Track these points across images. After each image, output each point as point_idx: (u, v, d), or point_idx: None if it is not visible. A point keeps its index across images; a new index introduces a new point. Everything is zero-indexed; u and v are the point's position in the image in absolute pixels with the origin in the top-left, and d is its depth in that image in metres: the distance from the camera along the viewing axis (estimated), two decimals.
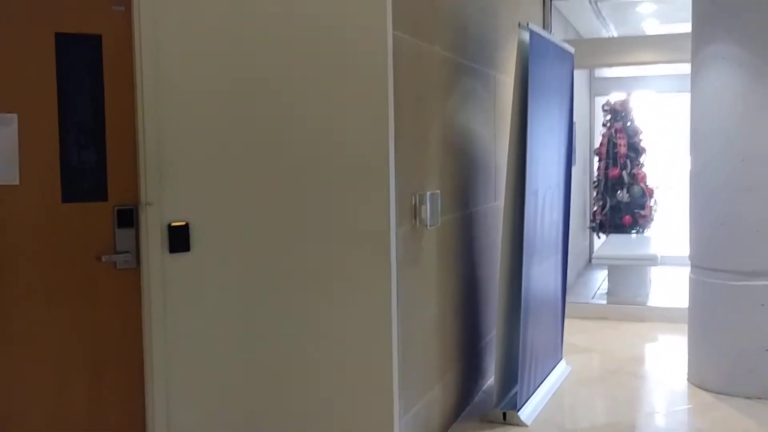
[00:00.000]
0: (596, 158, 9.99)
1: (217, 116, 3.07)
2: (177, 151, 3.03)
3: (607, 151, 9.75)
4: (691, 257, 5.14)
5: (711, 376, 4.97)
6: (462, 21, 4.58)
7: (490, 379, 5.08)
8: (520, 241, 4.32)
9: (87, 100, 3.04)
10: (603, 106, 10.02)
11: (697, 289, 5.09)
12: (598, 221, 9.71)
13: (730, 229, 4.81)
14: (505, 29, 5.47)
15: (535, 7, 6.82)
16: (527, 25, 4.26)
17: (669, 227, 10.43)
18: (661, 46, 6.98)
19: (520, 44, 4.30)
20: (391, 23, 3.32)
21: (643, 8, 8.00)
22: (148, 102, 3.00)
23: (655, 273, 8.58)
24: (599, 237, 9.76)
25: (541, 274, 4.69)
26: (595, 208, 9.83)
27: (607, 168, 9.72)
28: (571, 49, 5.25)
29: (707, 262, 4.97)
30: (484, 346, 5.03)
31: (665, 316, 6.84)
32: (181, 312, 3.07)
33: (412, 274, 3.74)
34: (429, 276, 4.01)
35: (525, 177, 4.23)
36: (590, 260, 9.59)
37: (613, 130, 9.76)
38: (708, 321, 4.98)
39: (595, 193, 9.89)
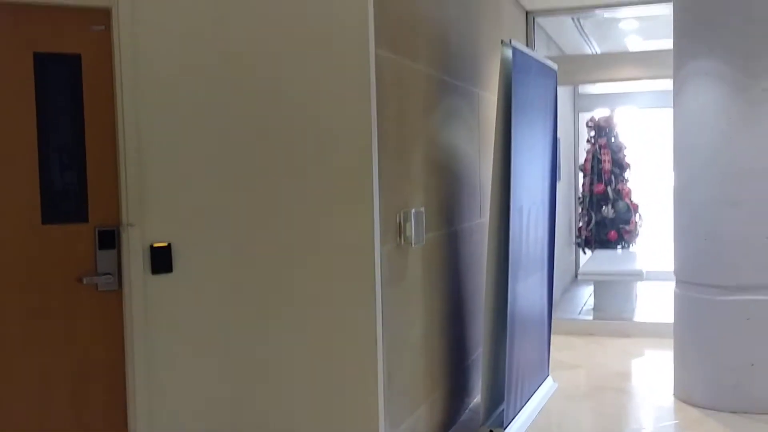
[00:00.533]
0: (581, 174, 10.02)
1: (200, 136, 3.05)
2: (159, 171, 3.01)
3: (592, 166, 9.78)
4: (676, 272, 5.15)
5: (697, 391, 4.97)
6: (445, 39, 4.59)
7: (477, 397, 5.05)
8: (505, 258, 4.31)
9: (67, 120, 3.01)
10: (587, 123, 10.06)
11: (682, 304, 5.09)
12: (583, 237, 9.73)
13: (714, 244, 4.83)
14: (488, 47, 5.49)
15: (517, 24, 6.86)
16: (510, 42, 4.27)
17: (655, 242, 10.47)
18: (644, 62, 7.04)
19: (503, 61, 4.31)
20: (373, 42, 3.33)
21: (626, 25, 8.06)
22: (129, 122, 2.98)
23: (641, 288, 8.59)
24: (585, 253, 9.76)
25: (526, 290, 4.68)
26: (580, 224, 9.85)
27: (591, 184, 9.74)
28: (554, 66, 5.27)
29: (692, 276, 4.98)
30: (470, 363, 5.00)
31: (651, 332, 6.84)
32: (164, 334, 3.03)
33: (397, 292, 3.72)
34: (414, 294, 3.99)
35: (509, 194, 4.23)
36: (576, 276, 9.60)
37: (597, 146, 9.79)
38: (693, 336, 4.98)
39: (580, 209, 9.91)
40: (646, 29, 8.34)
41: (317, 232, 3.21)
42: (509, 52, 4.28)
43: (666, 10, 5.95)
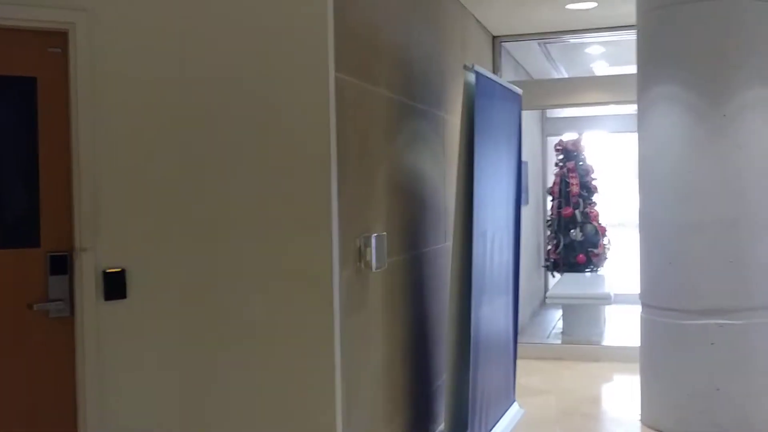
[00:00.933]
0: (549, 197, 10.08)
1: (156, 161, 3.00)
2: (113, 195, 2.95)
3: (560, 190, 9.86)
4: (642, 296, 5.16)
5: (664, 416, 4.96)
6: (409, 63, 4.60)
7: (442, 425, 5.00)
8: (468, 283, 4.28)
9: (20, 143, 2.94)
10: (555, 146, 10.15)
11: (648, 328, 5.10)
12: (552, 260, 9.76)
13: (678, 268, 4.85)
14: (454, 71, 5.51)
15: (484, 49, 6.90)
16: (472, 66, 4.28)
17: (623, 265, 10.53)
18: (609, 87, 7.10)
19: (466, 85, 4.32)
20: (333, 65, 3.31)
21: (592, 50, 8.15)
22: (84, 145, 2.93)
23: (609, 311, 8.61)
24: (553, 276, 9.80)
25: (491, 315, 4.65)
26: (549, 247, 9.89)
27: (560, 207, 9.81)
28: (519, 91, 5.29)
29: (657, 301, 4.99)
30: (434, 390, 4.95)
31: (620, 356, 6.85)
32: (116, 362, 2.96)
33: (357, 318, 3.68)
34: (375, 320, 3.94)
35: (472, 218, 4.22)
36: (545, 299, 9.61)
37: (565, 170, 9.88)
38: (659, 361, 4.98)
39: (548, 232, 9.96)
40: (613, 55, 8.44)
41: (274, 258, 3.16)
42: (472, 77, 4.28)
43: (631, 37, 6.02)
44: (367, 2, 3.95)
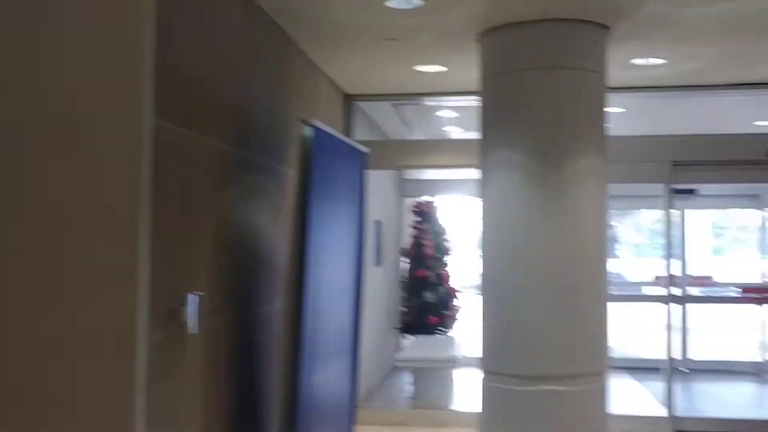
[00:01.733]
0: (405, 258, 10.06)
1: None
2: None
3: (415, 251, 9.86)
4: (482, 361, 5.09)
5: None
6: (247, 114, 4.40)
7: None
8: (299, 346, 4.05)
9: None
10: (411, 207, 10.19)
11: (487, 394, 5.02)
12: (405, 322, 9.69)
13: (515, 332, 4.82)
14: (301, 126, 5.35)
15: (336, 106, 6.82)
16: (311, 122, 4.14)
17: (472, 328, 10.60)
18: (459, 150, 7.15)
19: (303, 140, 4.17)
20: (151, 111, 3.05)
21: (444, 114, 8.26)
22: None
23: (460, 375, 8.56)
24: (406, 338, 9.72)
25: (325, 381, 4.42)
26: (403, 309, 9.82)
27: (414, 268, 9.80)
28: (364, 149, 5.20)
29: (496, 366, 4.93)
30: None
31: (465, 421, 6.72)
32: None
33: (168, 387, 3.35)
34: (192, 389, 3.62)
35: (305, 277, 4.01)
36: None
37: (420, 231, 9.90)
38: (497, 428, 4.90)
39: (403, 294, 9.90)
40: (466, 120, 8.59)
41: (73, 319, 2.82)
42: (310, 132, 4.14)
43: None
44: (199, 46, 3.73)
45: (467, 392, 8.21)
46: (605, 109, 5.05)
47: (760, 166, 6.50)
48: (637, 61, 5.88)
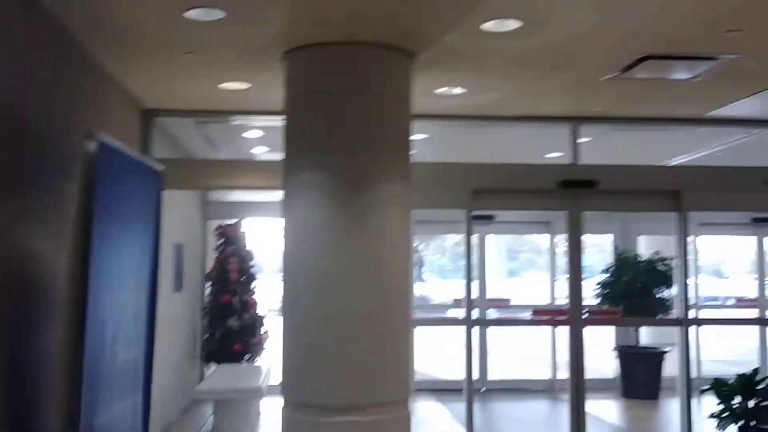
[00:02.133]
0: (208, 283, 9.66)
1: None
2: None
3: (219, 275, 9.49)
4: (282, 390, 4.87)
5: None
6: (16, 122, 3.94)
7: None
8: (79, 385, 3.64)
9: None
10: (215, 230, 9.82)
11: (287, 426, 4.81)
12: (208, 350, 9.27)
13: (315, 361, 4.66)
14: (84, 140, 4.90)
15: (131, 121, 6.39)
16: (96, 135, 3.77)
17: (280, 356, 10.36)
18: (264, 171, 6.89)
19: (86, 156, 3.78)
20: None
21: (251, 134, 8.02)
22: None
23: (268, 405, 8.25)
24: (208, 367, 9.30)
25: (110, 424, 4.02)
26: (205, 336, 9.40)
27: (218, 294, 9.42)
28: (158, 167, 4.86)
29: (296, 396, 4.75)
30: None
31: None
32: None
33: None
34: None
35: (85, 307, 3.62)
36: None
37: (224, 255, 9.55)
38: None
39: (205, 320, 9.49)
40: (274, 140, 8.38)
41: None
42: (93, 146, 3.77)
43: None
44: None
45: (273, 424, 7.95)
46: (409, 136, 5.06)
47: (551, 195, 6.84)
48: (440, 90, 5.99)
